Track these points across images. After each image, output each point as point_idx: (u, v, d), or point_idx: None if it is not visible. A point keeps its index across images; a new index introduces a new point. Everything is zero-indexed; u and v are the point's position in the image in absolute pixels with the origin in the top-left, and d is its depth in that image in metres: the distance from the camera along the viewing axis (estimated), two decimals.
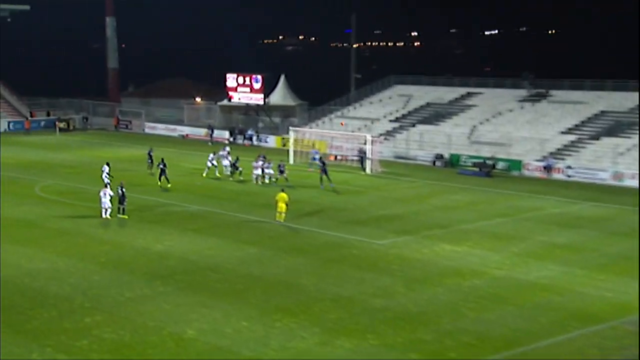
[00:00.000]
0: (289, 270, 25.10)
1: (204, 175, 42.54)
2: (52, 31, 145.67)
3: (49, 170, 44.02)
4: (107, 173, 37.04)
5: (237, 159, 42.93)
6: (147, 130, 67.29)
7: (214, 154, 43.21)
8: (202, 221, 32.04)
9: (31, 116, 68.50)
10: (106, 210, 31.34)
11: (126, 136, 64.04)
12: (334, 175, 44.55)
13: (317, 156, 47.04)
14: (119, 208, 31.83)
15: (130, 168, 45.03)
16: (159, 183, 38.84)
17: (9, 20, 77.03)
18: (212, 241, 28.62)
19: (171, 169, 43.09)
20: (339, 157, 51.38)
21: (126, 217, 31.77)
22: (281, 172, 40.95)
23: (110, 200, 31.37)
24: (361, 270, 25.21)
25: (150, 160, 43.96)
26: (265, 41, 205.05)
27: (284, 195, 31.55)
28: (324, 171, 39.35)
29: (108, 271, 24.44)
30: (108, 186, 31.78)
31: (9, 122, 66.48)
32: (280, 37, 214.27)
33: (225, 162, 43.40)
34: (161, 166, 39.00)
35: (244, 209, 34.70)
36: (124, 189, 31.87)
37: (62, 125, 66.12)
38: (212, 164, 42.70)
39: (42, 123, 68.37)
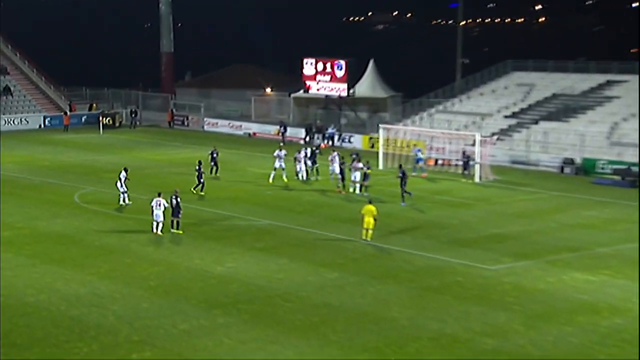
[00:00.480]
0: (377, 300, 25.00)
1: (271, 181, 43.04)
2: (95, 10, 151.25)
3: (91, 175, 45.59)
4: (123, 181, 37.48)
5: (313, 154, 43.16)
6: (206, 128, 68.78)
7: (280, 150, 43.90)
8: (272, 238, 32.37)
9: (70, 110, 71.23)
10: (158, 224, 32.11)
11: (182, 134, 65.64)
12: (432, 184, 44.13)
13: (421, 156, 46.83)
14: (172, 222, 32.56)
15: (186, 173, 46.01)
16: (193, 190, 39.67)
17: None
18: (283, 263, 28.85)
19: (235, 175, 43.84)
20: (440, 162, 50.92)
21: (181, 232, 32.46)
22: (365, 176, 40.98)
23: (164, 213, 32.14)
24: (467, 302, 24.90)
25: (213, 163, 44.94)
26: (350, 19, 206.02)
27: (371, 207, 31.54)
28: (403, 182, 39.01)
29: (159, 298, 25.00)
30: (161, 195, 32.54)
31: (44, 117, 69.37)
32: (369, 14, 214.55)
33: (301, 166, 43.97)
34: (197, 168, 40.42)
35: (323, 224, 34.84)
36: (178, 199, 32.58)
37: (106, 121, 68.38)
38: (281, 165, 43.20)
39: (84, 118, 70.97)
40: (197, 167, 40.46)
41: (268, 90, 77.94)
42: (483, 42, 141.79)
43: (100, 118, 67.72)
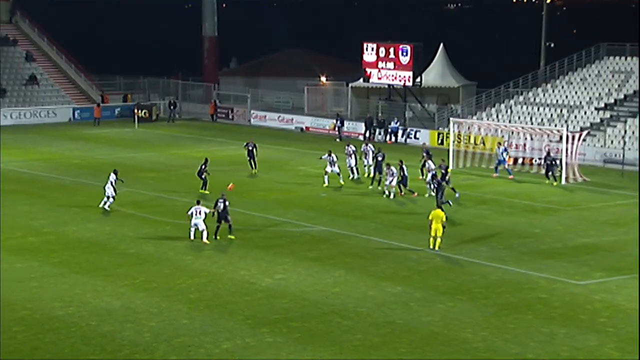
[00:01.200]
0: (446, 318, 24.90)
1: (325, 185, 43.12)
2: None
3: (125, 175, 46.05)
4: (112, 183, 37.60)
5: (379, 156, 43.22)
6: (253, 122, 69.27)
7: (330, 155, 43.70)
8: (327, 247, 32.48)
9: (103, 101, 72.39)
10: (200, 232, 32.39)
11: (226, 129, 66.21)
12: (512, 187, 43.73)
13: (505, 156, 46.46)
14: (217, 227, 32.76)
15: (231, 172, 46.40)
16: (202, 190, 40.08)
17: None
18: (339, 275, 28.91)
19: (286, 175, 44.08)
20: (520, 161, 50.46)
21: (233, 237, 32.74)
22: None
23: (204, 220, 32.38)
24: (552, 322, 24.65)
25: (250, 158, 45.72)
26: None
27: (439, 212, 31.45)
28: (441, 182, 38.81)
29: (200, 313, 25.27)
30: (200, 203, 32.80)
31: (74, 110, 70.67)
32: None
33: (351, 162, 44.13)
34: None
35: (385, 231, 34.83)
36: (226, 202, 32.86)
37: (142, 113, 69.33)
38: (333, 170, 43.15)
39: (117, 111, 72.07)
40: (202, 165, 40.88)
41: (323, 79, 78.12)
42: (571, 22, 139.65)
43: (136, 110, 68.61)
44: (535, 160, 49.70)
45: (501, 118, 58.78)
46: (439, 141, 57.87)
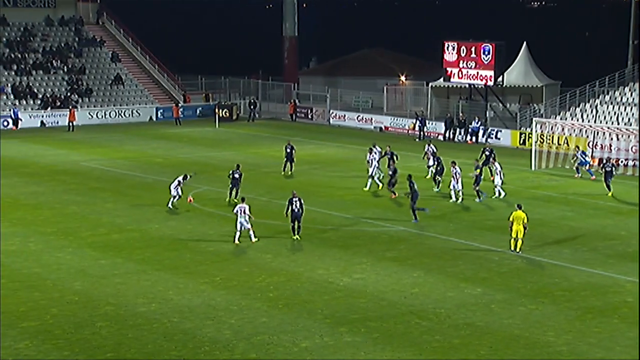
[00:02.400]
0: (528, 321, 24.60)
1: (366, 189, 42.56)
2: None
3: (205, 174, 46.87)
4: (180, 183, 37.87)
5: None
6: (332, 121, 69.44)
7: (372, 153, 43.17)
8: (406, 247, 32.38)
9: (185, 101, 73.51)
10: (240, 233, 32.19)
11: (305, 128, 66.52)
12: (596, 188, 42.93)
13: (587, 159, 45.77)
14: (292, 227, 33.03)
15: (310, 172, 46.62)
16: (228, 199, 39.02)
17: None
18: (418, 275, 28.81)
19: (364, 174, 44.00)
20: (605, 161, 49.45)
21: (299, 237, 32.93)
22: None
23: (249, 220, 32.19)
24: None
25: (287, 159, 45.78)
26: None
27: (520, 213, 31.10)
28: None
29: (279, 311, 25.46)
30: (244, 200, 32.69)
31: (157, 109, 71.92)
32: None
33: (429, 163, 44.33)
34: (236, 175, 39.18)
35: (464, 231, 34.57)
36: (301, 201, 33.05)
37: (222, 113, 70.17)
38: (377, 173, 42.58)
39: (199, 110, 73.11)
40: (231, 172, 39.09)
41: (403, 78, 77.90)
42: None
43: (216, 110, 69.50)
44: (622, 161, 48.72)
45: (586, 118, 57.75)
46: (521, 141, 57.17)
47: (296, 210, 32.80)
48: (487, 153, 44.95)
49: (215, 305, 25.81)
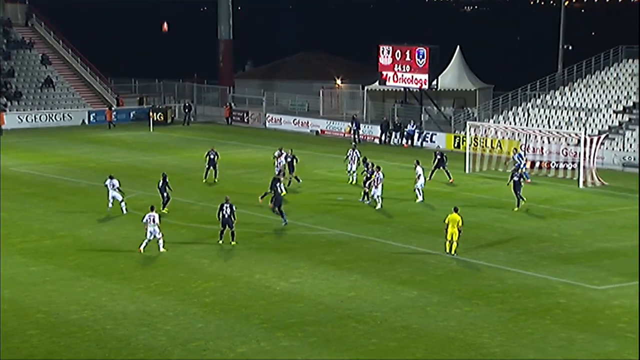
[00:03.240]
0: (463, 323, 24.84)
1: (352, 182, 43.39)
2: None
3: (139, 178, 46.43)
4: (117, 188, 37.85)
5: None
6: (268, 125, 69.34)
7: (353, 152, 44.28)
8: (343, 251, 32.46)
9: (118, 104, 72.68)
10: (149, 241, 31.55)
11: (241, 132, 66.32)
12: (529, 191, 43.55)
13: (521, 160, 46.30)
14: (221, 232, 32.66)
15: (247, 176, 46.48)
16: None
17: None
18: (355, 279, 28.89)
19: (301, 178, 44.03)
20: (537, 165, 50.27)
21: (235, 243, 32.71)
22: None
23: (159, 228, 31.62)
24: (571, 327, 24.57)
25: (210, 166, 45.19)
26: None
27: (455, 216, 31.38)
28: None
29: (215, 317, 25.32)
30: (153, 209, 32.02)
31: (89, 113, 70.95)
32: None
33: (352, 168, 44.50)
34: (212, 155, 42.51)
35: (401, 235, 34.78)
36: (234, 207, 32.71)
37: (157, 116, 69.54)
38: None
39: (132, 114, 72.31)
40: (160, 181, 38.16)
41: (339, 81, 78.16)
42: (590, 23, 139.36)
43: (151, 114, 68.86)
44: (553, 164, 49.54)
45: (518, 121, 58.61)
46: (455, 144, 57.76)
47: (226, 216, 32.50)
48: (438, 157, 45.12)
49: (150, 312, 25.56)
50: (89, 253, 31.86)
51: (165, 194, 38.00)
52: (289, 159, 43.94)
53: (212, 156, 45.46)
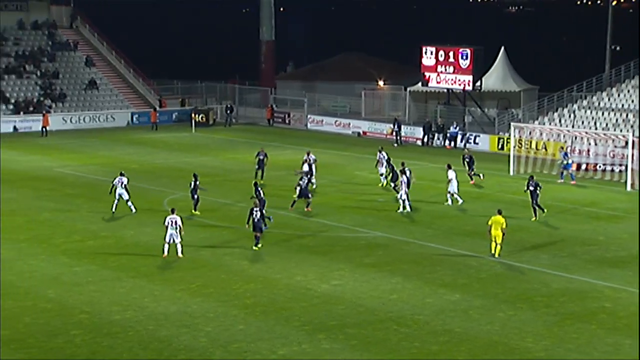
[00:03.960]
0: (507, 327, 24.66)
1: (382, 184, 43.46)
2: None
3: (181, 179, 46.67)
4: (125, 185, 38.03)
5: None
6: (310, 126, 69.44)
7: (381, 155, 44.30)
8: (384, 253, 32.40)
9: (161, 106, 73.27)
10: (169, 245, 31.22)
11: (282, 133, 66.48)
12: (575, 194, 43.15)
13: (569, 161, 45.93)
14: (256, 237, 32.28)
15: (286, 177, 46.54)
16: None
17: None
18: (396, 282, 28.82)
19: (342, 179, 44.05)
20: (583, 167, 49.79)
21: (257, 248, 32.25)
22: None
23: (179, 231, 31.29)
24: (617, 332, 24.30)
25: (258, 167, 45.30)
26: (478, 0, 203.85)
27: (499, 218, 31.26)
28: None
29: (256, 318, 25.39)
30: (174, 212, 31.54)
31: (132, 114, 71.62)
32: None
33: (382, 170, 44.14)
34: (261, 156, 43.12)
35: (443, 237, 34.64)
36: (263, 211, 32.35)
37: (199, 118, 70.01)
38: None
39: (175, 115, 72.86)
40: (192, 183, 38.03)
41: (381, 83, 78.00)
42: (638, 24, 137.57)
43: (193, 115, 69.34)
44: (600, 166, 49.03)
45: (564, 123, 58.05)
46: (499, 146, 57.39)
47: (256, 220, 32.21)
48: (467, 160, 45.03)
49: (191, 313, 25.71)
50: (131, 254, 32.13)
51: (195, 196, 38.02)
52: (311, 162, 43.49)
53: (261, 157, 45.69)
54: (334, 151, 55.81)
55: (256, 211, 32.19)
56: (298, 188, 38.74)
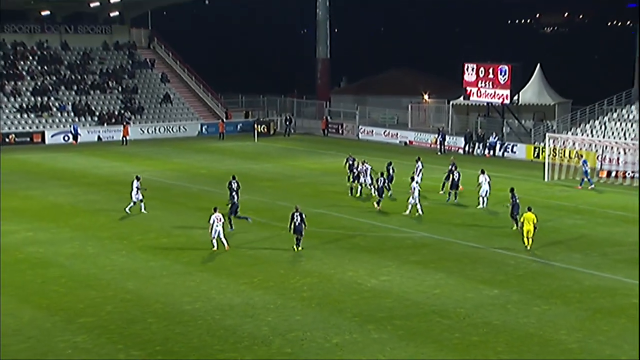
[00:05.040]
0: (542, 320, 24.38)
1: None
2: (251, 18, 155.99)
3: (245, 183, 46.79)
4: (137, 189, 38.34)
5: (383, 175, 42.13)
6: (361, 136, 69.39)
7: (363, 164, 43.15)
8: (428, 252, 32.23)
9: (227, 118, 73.85)
10: (221, 239, 31.58)
11: (336, 143, 66.52)
12: (605, 198, 42.49)
13: (587, 168, 45.25)
14: (297, 239, 31.90)
15: (339, 182, 46.58)
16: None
17: (206, 2, 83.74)
18: (439, 278, 28.66)
19: (391, 185, 43.87)
20: (613, 174, 48.99)
21: (298, 249, 31.79)
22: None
23: (223, 226, 31.80)
24: None
25: (350, 173, 44.61)
26: (517, 21, 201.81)
27: (530, 215, 31.50)
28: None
29: (312, 310, 25.44)
30: (217, 210, 31.82)
31: (202, 125, 72.29)
32: (537, 15, 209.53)
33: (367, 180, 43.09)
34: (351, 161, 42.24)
35: (483, 237, 34.35)
36: (303, 215, 31.74)
37: (261, 128, 70.38)
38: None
39: (239, 126, 73.39)
40: (229, 185, 38.20)
41: (426, 96, 77.66)
42: None
43: (255, 126, 69.76)
44: (629, 174, 48.20)
45: (595, 134, 57.20)
46: (535, 155, 56.76)
47: (297, 224, 31.76)
48: (452, 168, 42.50)
49: (253, 304, 25.84)
50: (200, 251, 32.37)
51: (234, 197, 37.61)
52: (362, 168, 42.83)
53: (351, 162, 45.23)
54: (384, 159, 55.50)
55: (297, 215, 31.77)
56: (373, 188, 38.63)
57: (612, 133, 56.86)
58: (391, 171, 44.05)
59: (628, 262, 30.63)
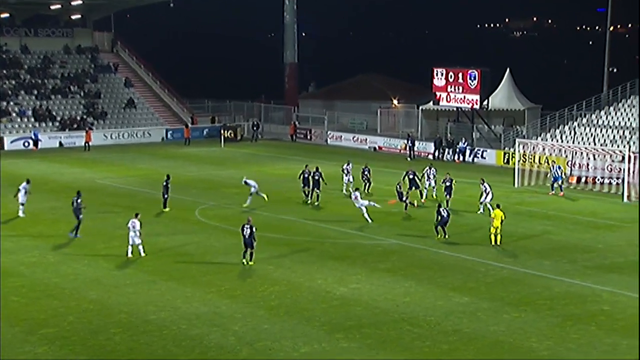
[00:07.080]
0: (512, 328, 24.56)
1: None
2: (217, 22, 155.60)
3: (211, 190, 46.92)
4: (26, 191, 39.10)
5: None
6: (330, 142, 69.52)
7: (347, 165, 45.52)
8: (398, 259, 32.35)
9: (192, 123, 73.62)
10: (137, 245, 31.72)
11: (304, 148, 66.60)
12: (575, 204, 42.92)
13: (560, 174, 45.68)
14: (244, 253, 31.06)
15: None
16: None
17: (171, 5, 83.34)
18: (409, 285, 28.77)
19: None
20: (582, 180, 49.53)
21: (252, 264, 31.01)
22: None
23: (140, 236, 31.65)
24: (615, 333, 24.15)
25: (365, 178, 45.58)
26: (485, 25, 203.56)
27: (498, 212, 32.68)
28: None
29: (280, 319, 25.42)
30: (138, 216, 32.03)
31: (167, 130, 71.98)
32: (506, 20, 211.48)
33: (349, 179, 44.70)
34: (316, 176, 42.32)
35: (453, 244, 34.54)
36: (253, 228, 30.81)
37: (227, 134, 70.25)
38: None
39: (205, 131, 73.18)
40: (164, 183, 41.01)
41: (395, 102, 78.03)
42: (635, 48, 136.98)
43: (222, 131, 69.63)
44: (598, 179, 48.78)
45: (565, 139, 57.82)
46: (505, 160, 57.24)
47: (247, 237, 30.92)
48: (410, 176, 42.88)
49: (220, 313, 25.77)
50: (164, 259, 32.24)
51: (166, 195, 40.41)
52: (316, 177, 42.75)
53: (349, 168, 45.65)
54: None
55: (247, 228, 30.91)
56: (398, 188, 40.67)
57: (582, 138, 57.52)
58: (367, 173, 45.07)
59: (597, 269, 30.99)
